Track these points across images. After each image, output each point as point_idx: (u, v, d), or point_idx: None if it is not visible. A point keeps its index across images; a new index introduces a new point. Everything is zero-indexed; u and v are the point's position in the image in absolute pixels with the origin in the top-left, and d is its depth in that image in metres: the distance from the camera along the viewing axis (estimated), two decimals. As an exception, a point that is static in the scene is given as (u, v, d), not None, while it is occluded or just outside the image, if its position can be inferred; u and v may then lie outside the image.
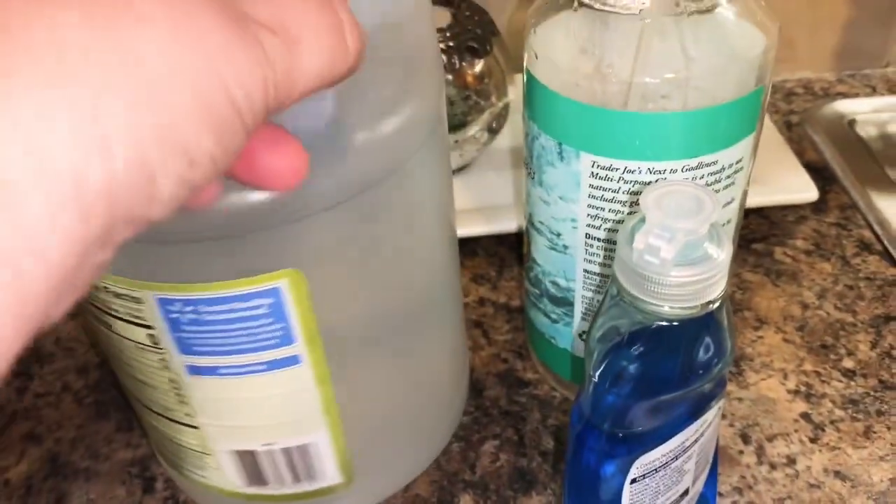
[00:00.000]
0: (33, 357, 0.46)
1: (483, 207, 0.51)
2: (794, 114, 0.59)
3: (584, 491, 0.29)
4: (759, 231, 0.49)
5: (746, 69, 0.29)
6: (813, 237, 0.49)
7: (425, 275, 0.32)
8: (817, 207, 0.51)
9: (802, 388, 0.41)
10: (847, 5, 0.60)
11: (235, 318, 0.26)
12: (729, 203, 0.32)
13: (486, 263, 0.49)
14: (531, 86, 0.31)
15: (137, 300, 0.26)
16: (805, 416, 0.39)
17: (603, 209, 0.32)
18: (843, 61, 0.62)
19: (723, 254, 0.24)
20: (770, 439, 0.38)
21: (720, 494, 0.36)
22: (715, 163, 0.30)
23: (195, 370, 0.29)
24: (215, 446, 0.32)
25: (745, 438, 0.38)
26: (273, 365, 0.28)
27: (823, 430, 0.39)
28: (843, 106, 0.58)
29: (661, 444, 0.26)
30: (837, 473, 0.37)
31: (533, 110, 0.32)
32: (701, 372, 0.26)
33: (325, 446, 0.32)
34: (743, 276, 0.47)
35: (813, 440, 0.38)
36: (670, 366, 0.26)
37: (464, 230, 0.49)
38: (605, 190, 0.31)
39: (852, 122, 0.56)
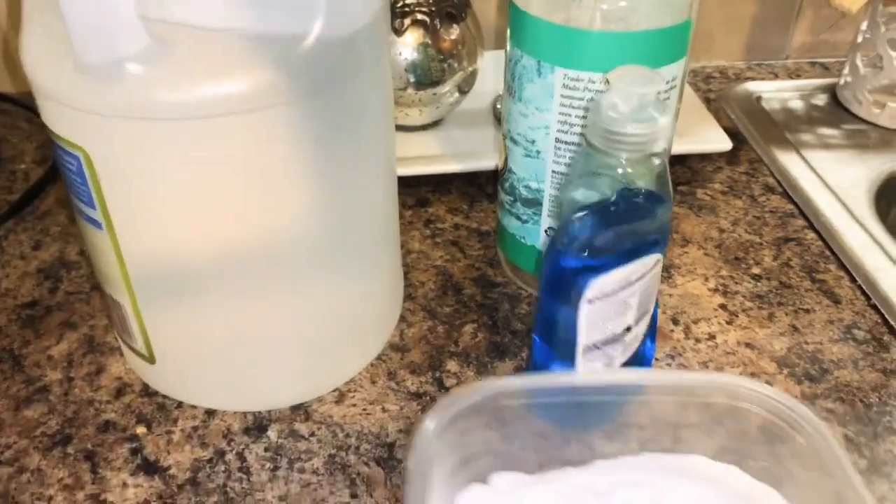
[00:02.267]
0: (60, 264, 0.52)
1: (454, 153, 0.59)
2: (712, 92, 0.70)
3: (552, 319, 0.37)
4: (683, 177, 0.59)
5: (679, 3, 0.38)
6: (727, 182, 0.59)
7: (367, 185, 0.39)
8: (730, 161, 0.61)
9: (720, 287, 0.50)
10: (754, 8, 0.71)
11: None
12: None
13: (459, 199, 0.58)
14: (517, 16, 0.40)
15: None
16: (722, 306, 0.49)
17: (570, 115, 0.40)
18: (752, 53, 0.74)
19: (664, 118, 0.33)
20: (695, 322, 0.48)
21: (656, 359, 0.45)
22: (656, 78, 0.39)
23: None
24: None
25: (675, 321, 0.48)
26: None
27: (737, 316, 0.48)
28: (752, 86, 0.69)
29: (612, 269, 0.35)
30: (748, 345, 0.46)
31: (517, 37, 0.41)
32: (649, 212, 0.34)
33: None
34: (672, 208, 0.56)
35: (728, 323, 0.48)
36: (626, 205, 0.34)
37: (439, 168, 0.57)
38: (573, 98, 0.40)
39: (759, 98, 0.68)
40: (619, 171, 0.33)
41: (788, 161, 0.60)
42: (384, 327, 0.46)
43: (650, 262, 0.36)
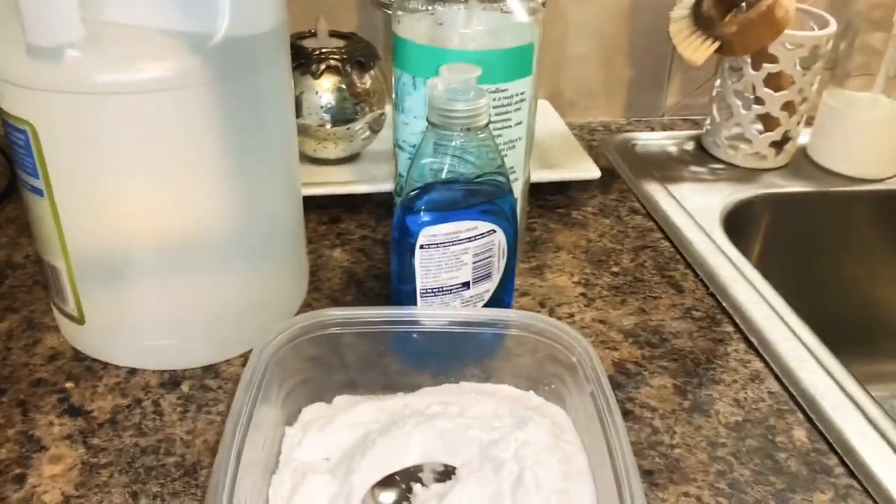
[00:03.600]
0: (6, 265, 0.58)
1: (366, 179, 0.68)
2: (595, 141, 0.80)
3: (400, 270, 0.45)
4: (562, 202, 0.69)
5: (521, 29, 0.48)
6: (599, 206, 0.69)
7: (270, 172, 0.47)
8: (604, 190, 0.71)
9: (583, 281, 0.59)
10: (631, 73, 0.83)
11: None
12: (519, 123, 0.51)
13: (368, 217, 0.66)
14: (397, 42, 0.50)
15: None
16: (583, 294, 0.57)
17: (441, 121, 0.50)
18: (632, 111, 0.85)
19: (483, 101, 0.42)
20: (558, 305, 0.56)
21: (523, 333, 0.53)
22: (507, 90, 0.49)
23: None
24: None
25: (542, 305, 0.56)
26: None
27: (594, 301, 0.56)
28: (630, 135, 0.80)
29: (439, 223, 0.43)
30: (601, 321, 0.54)
31: (398, 59, 0.50)
32: (471, 181, 0.43)
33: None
34: (549, 225, 0.65)
35: (586, 306, 0.56)
36: (456, 177, 0.43)
37: (350, 189, 0.66)
38: (441, 106, 0.49)
39: (634, 144, 0.78)
40: (454, 143, 0.42)
41: (653, 190, 0.70)
42: (288, 307, 0.53)
43: (483, 228, 0.45)
